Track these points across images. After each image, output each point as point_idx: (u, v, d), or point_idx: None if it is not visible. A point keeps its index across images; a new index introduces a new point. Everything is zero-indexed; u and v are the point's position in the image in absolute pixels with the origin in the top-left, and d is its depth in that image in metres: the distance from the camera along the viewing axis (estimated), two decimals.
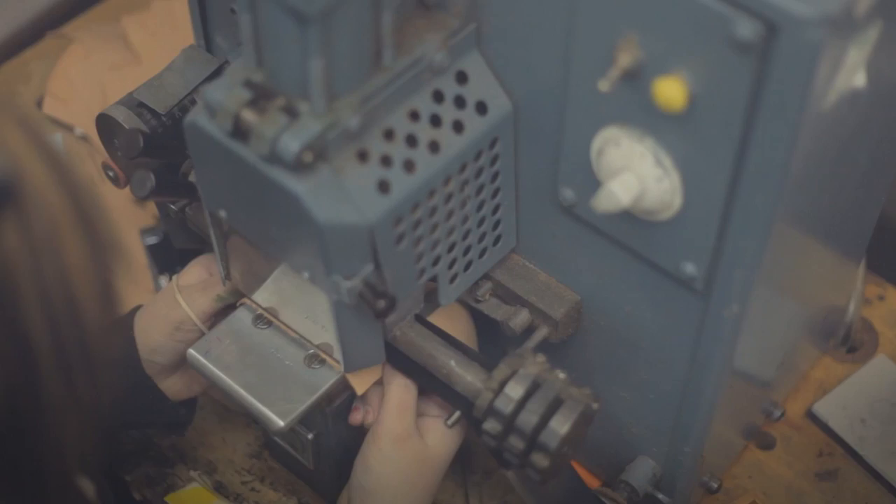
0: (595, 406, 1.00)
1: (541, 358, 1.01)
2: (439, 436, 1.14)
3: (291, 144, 0.89)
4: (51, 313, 0.73)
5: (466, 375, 1.04)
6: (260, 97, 0.92)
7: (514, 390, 1.00)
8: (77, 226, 0.75)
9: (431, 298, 1.08)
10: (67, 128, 1.65)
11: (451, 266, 1.05)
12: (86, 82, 1.68)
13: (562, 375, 1.00)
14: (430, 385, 1.09)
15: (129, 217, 1.55)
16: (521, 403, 1.00)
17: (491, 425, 1.00)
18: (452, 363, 1.04)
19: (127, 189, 1.49)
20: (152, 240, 1.50)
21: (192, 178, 1.16)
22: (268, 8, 0.87)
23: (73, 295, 0.74)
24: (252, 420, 1.26)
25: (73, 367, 0.76)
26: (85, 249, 0.75)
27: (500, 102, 1.00)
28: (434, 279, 1.04)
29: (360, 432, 1.25)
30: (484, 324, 1.16)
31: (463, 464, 1.31)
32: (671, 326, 1.05)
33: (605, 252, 1.04)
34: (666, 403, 1.13)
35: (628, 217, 0.97)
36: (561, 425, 0.98)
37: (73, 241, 0.74)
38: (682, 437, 1.15)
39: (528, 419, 0.99)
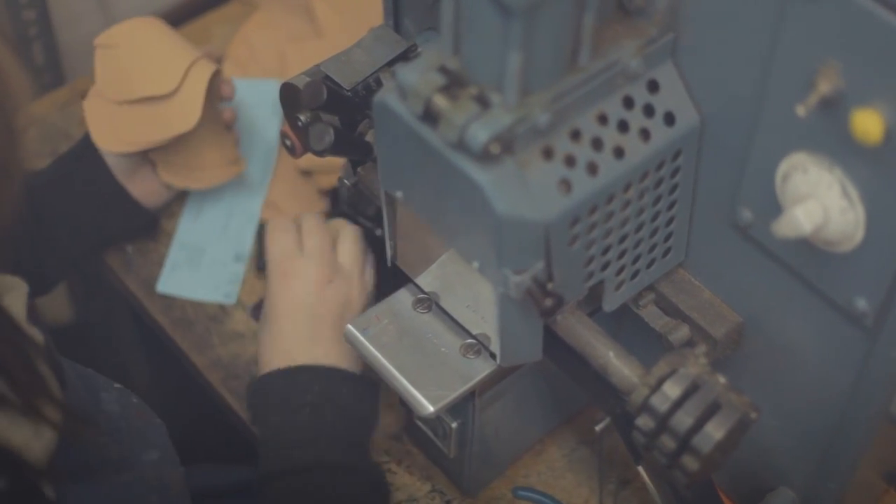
0: (753, 416, 0.98)
1: (703, 360, 1.00)
2: None
3: (480, 134, 0.89)
4: None
5: (624, 368, 1.03)
6: (453, 84, 0.92)
7: (672, 389, 0.98)
8: None
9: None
10: None
11: (618, 273, 1.05)
12: (266, 50, 1.70)
13: (722, 380, 0.98)
14: (582, 373, 1.08)
15: (296, 192, 1.56)
16: (678, 403, 0.98)
17: (644, 422, 0.99)
18: (611, 354, 1.03)
19: (297, 162, 1.51)
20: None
21: (368, 137, 1.17)
22: None
23: None
24: (401, 402, 1.26)
25: None
26: None
27: (688, 115, 1.00)
28: (600, 284, 1.04)
29: (505, 426, 1.25)
30: (638, 331, 1.15)
31: (600, 472, 1.30)
32: (834, 360, 1.04)
33: (774, 277, 1.03)
34: (816, 436, 1.11)
35: (805, 245, 0.96)
36: (717, 430, 0.97)
37: None
38: (828, 473, 1.13)
39: (684, 420, 0.97)
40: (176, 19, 1.81)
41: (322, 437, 1.21)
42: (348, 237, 1.29)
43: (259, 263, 1.48)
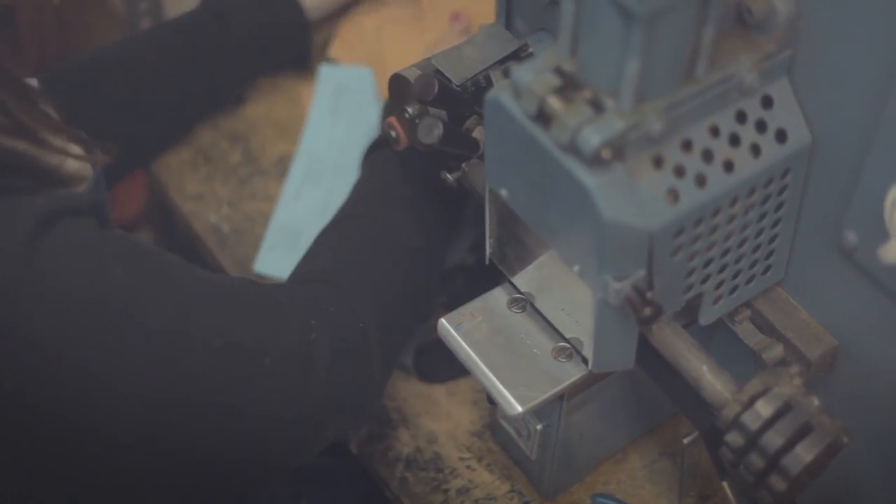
0: (845, 440, 0.98)
1: (797, 380, 0.99)
2: None
3: (593, 138, 0.89)
4: None
5: (716, 383, 1.02)
6: (568, 86, 0.92)
7: (765, 408, 0.98)
8: None
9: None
10: None
11: (717, 287, 1.04)
12: (373, 33, 1.71)
13: (816, 402, 0.98)
14: (673, 385, 1.07)
15: None
16: (770, 423, 0.97)
17: (733, 438, 0.99)
18: (704, 368, 1.03)
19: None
20: None
21: (475, 133, 1.18)
22: (596, 1, 0.87)
23: None
24: (488, 399, 1.26)
25: None
26: None
27: (800, 133, 0.99)
28: (698, 297, 1.04)
29: (589, 432, 1.25)
30: (729, 346, 1.15)
31: (681, 485, 1.30)
32: None
33: (875, 303, 1.02)
34: None
35: None
36: (807, 452, 0.96)
37: None
38: None
39: (774, 440, 0.97)
40: None
41: None
42: None
43: None
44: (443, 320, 1.16)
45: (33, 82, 1.12)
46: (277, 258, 1.50)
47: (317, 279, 1.24)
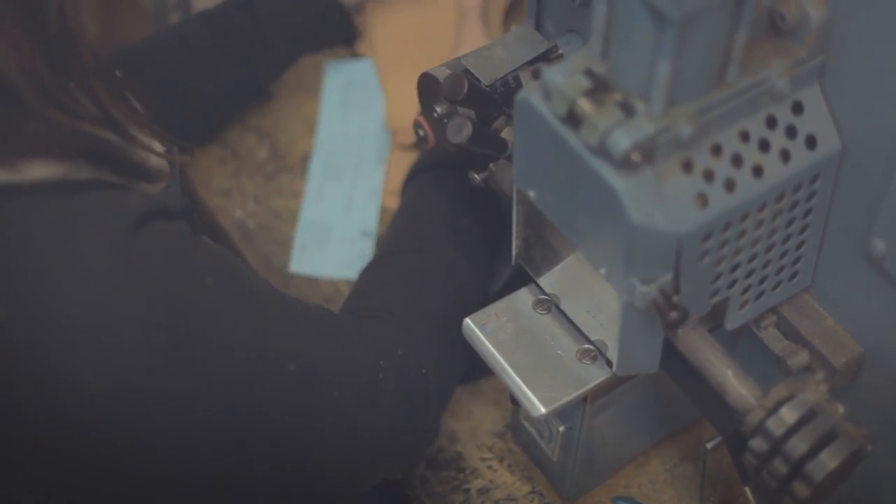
0: (869, 448, 0.97)
1: (822, 387, 0.99)
2: None
3: (622, 141, 0.89)
4: None
5: (741, 388, 1.02)
6: (598, 88, 0.92)
7: (790, 414, 0.97)
8: None
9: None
10: None
11: (744, 292, 1.04)
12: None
13: (841, 409, 0.98)
14: (697, 389, 1.07)
15: None
16: (794, 429, 0.97)
17: (757, 444, 0.98)
18: (729, 373, 1.02)
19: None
20: None
21: (504, 134, 1.18)
22: (628, 4, 0.87)
23: None
24: (512, 400, 1.26)
25: None
26: None
27: (830, 140, 0.99)
28: (724, 301, 1.04)
29: (612, 434, 1.25)
30: (753, 351, 1.14)
31: (702, 489, 1.29)
32: None
33: None
34: None
35: None
36: (831, 459, 0.96)
37: None
38: None
39: (798, 446, 0.97)
40: None
41: None
42: None
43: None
44: (468, 320, 1.16)
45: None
46: (311, 256, 1.51)
47: (378, 317, 1.24)
